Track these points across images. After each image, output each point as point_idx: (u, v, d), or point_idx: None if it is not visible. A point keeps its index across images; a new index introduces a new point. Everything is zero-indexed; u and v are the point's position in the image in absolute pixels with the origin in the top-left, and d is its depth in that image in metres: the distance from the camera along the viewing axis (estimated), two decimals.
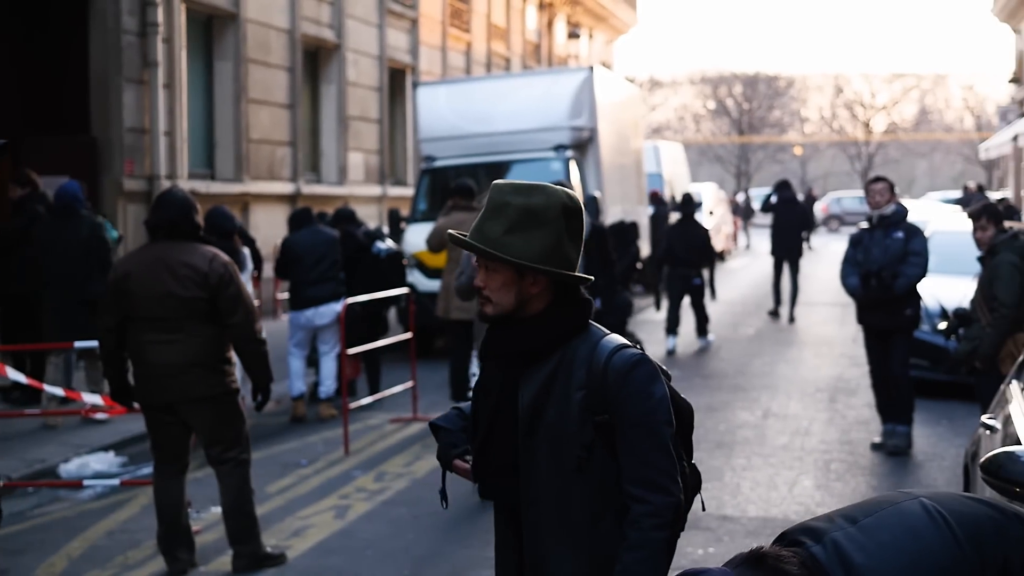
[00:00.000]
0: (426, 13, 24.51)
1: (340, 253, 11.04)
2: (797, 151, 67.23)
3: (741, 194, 49.09)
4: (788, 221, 18.42)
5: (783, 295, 18.69)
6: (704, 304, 15.31)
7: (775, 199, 18.68)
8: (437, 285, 11.73)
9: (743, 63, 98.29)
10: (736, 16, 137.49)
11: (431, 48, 24.92)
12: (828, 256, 30.76)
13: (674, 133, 61.78)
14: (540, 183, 3.10)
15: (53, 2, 15.09)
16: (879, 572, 2.42)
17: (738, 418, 10.78)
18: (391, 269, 11.96)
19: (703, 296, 15.31)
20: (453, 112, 15.81)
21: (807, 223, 19.22)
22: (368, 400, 11.03)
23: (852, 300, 9.69)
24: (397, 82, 23.46)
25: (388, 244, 12.12)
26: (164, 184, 14.34)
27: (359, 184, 21.21)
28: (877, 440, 9.49)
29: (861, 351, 10.84)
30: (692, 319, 15.58)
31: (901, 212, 9.24)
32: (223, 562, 6.66)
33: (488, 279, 3.08)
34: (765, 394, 11.99)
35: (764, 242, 20.31)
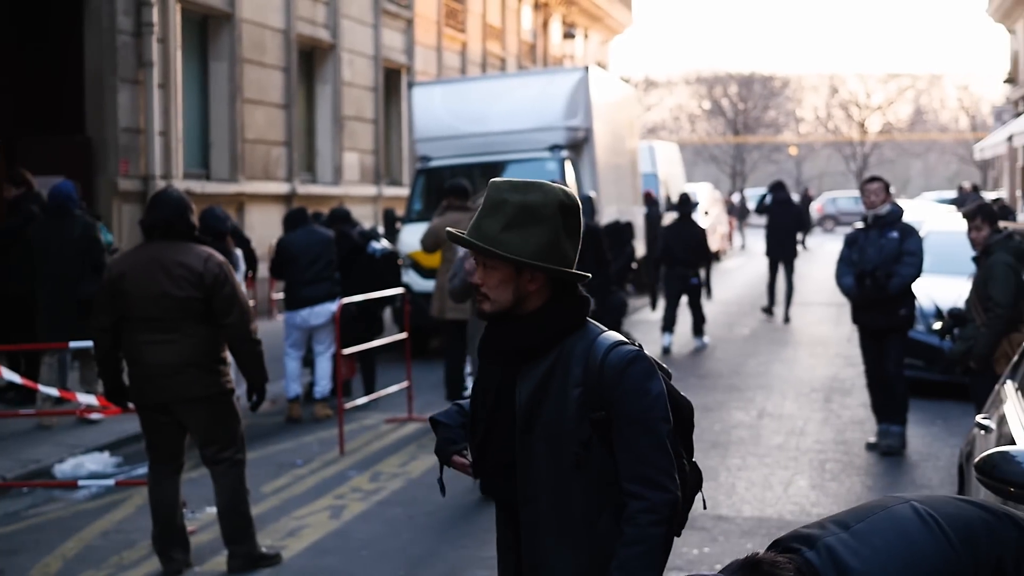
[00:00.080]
0: (421, 13, 24.51)
1: (335, 253, 11.05)
2: (792, 151, 67.28)
3: (736, 194, 49.13)
4: (783, 222, 18.46)
5: (778, 295, 18.73)
6: (701, 304, 15.33)
7: (769, 200, 18.72)
8: (432, 285, 11.73)
9: (738, 63, 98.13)
10: (731, 16, 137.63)
11: (426, 48, 24.91)
12: (823, 256, 30.79)
13: (669, 133, 61.80)
14: (537, 181, 3.11)
15: (48, 2, 15.07)
16: None
17: (733, 418, 10.79)
18: (386, 269, 11.95)
19: (700, 296, 15.33)
20: (448, 112, 15.81)
21: (802, 224, 19.25)
22: (364, 400, 11.03)
23: (847, 300, 9.70)
24: (392, 82, 23.45)
25: (383, 244, 12.12)
26: (159, 184, 14.33)
27: (354, 184, 21.20)
28: (872, 440, 9.50)
29: (856, 351, 10.85)
30: (688, 319, 15.60)
31: (896, 212, 9.25)
32: (218, 562, 6.66)
33: (486, 276, 3.09)
34: (760, 394, 12.00)
35: (759, 242, 20.32)
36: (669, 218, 19.84)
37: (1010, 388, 5.12)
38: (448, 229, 3.23)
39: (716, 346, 15.49)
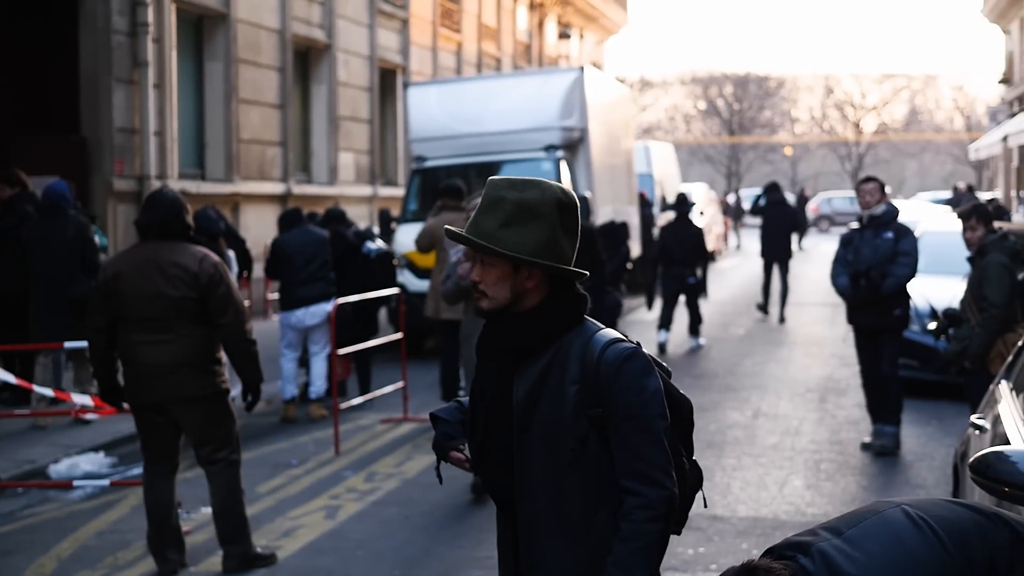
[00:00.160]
0: (417, 13, 24.50)
1: (330, 253, 11.04)
2: (787, 151, 67.33)
3: (732, 195, 49.15)
4: (777, 223, 18.48)
5: (773, 295, 18.74)
6: (698, 304, 15.34)
7: (764, 202, 18.74)
8: (427, 285, 11.73)
9: (733, 63, 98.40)
10: (726, 16, 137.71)
11: (422, 48, 24.91)
12: (818, 256, 30.80)
13: (665, 133, 61.84)
14: (535, 178, 3.12)
15: (44, 2, 15.06)
16: None
17: (728, 418, 10.79)
18: (381, 269, 11.95)
19: (698, 295, 15.34)
20: (444, 112, 15.80)
21: (796, 225, 19.28)
22: (359, 400, 11.02)
23: (842, 300, 9.70)
24: (388, 82, 23.45)
25: (378, 244, 12.12)
26: (154, 184, 14.32)
27: (349, 184, 21.20)
28: (867, 440, 9.50)
29: (851, 351, 10.86)
30: (685, 318, 15.60)
31: (892, 212, 9.26)
32: (213, 562, 6.66)
33: (484, 274, 3.09)
34: (755, 394, 12.01)
35: (755, 242, 20.36)
36: (664, 219, 19.82)
37: (1005, 388, 5.13)
38: (447, 227, 3.24)
39: (711, 346, 15.49)
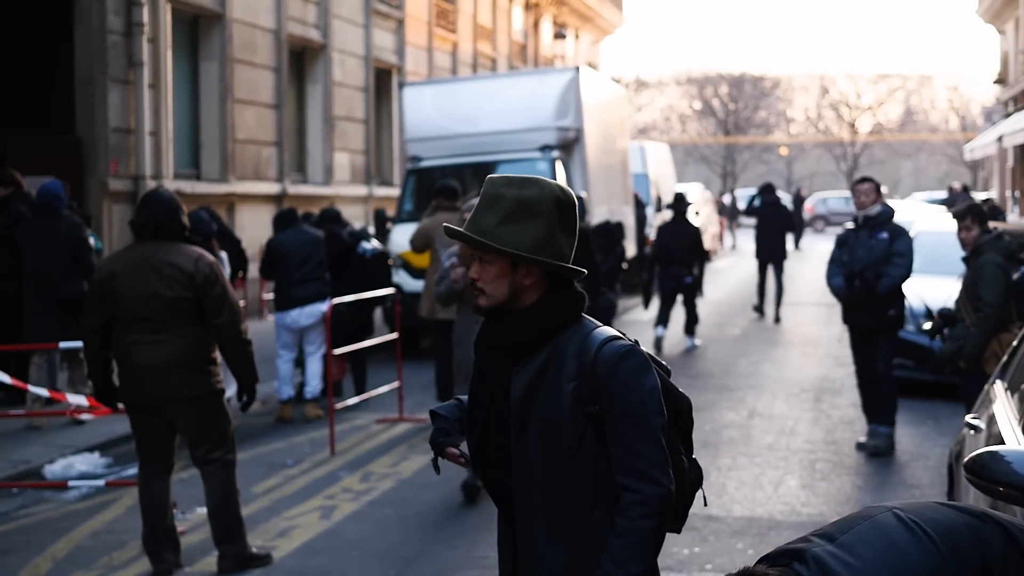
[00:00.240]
0: (412, 13, 24.50)
1: (325, 253, 11.03)
2: (783, 152, 67.36)
3: (727, 195, 49.17)
4: (772, 224, 18.52)
5: (768, 296, 18.77)
6: (695, 303, 15.35)
7: (758, 202, 18.77)
8: (423, 285, 11.72)
9: (729, 63, 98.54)
10: (722, 17, 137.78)
11: (417, 48, 24.90)
12: (814, 256, 30.83)
13: (660, 133, 61.83)
14: (534, 176, 3.14)
15: (38, 2, 15.04)
16: None
17: (724, 418, 10.80)
18: (377, 269, 11.94)
19: (695, 295, 15.35)
20: (439, 112, 15.80)
21: (791, 226, 19.30)
22: (354, 400, 11.02)
23: (837, 300, 9.71)
24: (383, 82, 23.44)
25: (374, 244, 12.11)
26: (149, 184, 14.30)
27: (345, 184, 21.19)
28: (862, 440, 9.51)
29: (846, 351, 10.86)
30: (681, 318, 15.60)
31: (887, 213, 9.26)
32: (208, 563, 6.65)
33: (482, 271, 3.10)
34: (751, 394, 12.01)
35: (750, 243, 20.38)
36: (659, 219, 19.80)
37: (999, 388, 5.13)
38: (445, 224, 3.25)
39: (707, 346, 15.50)
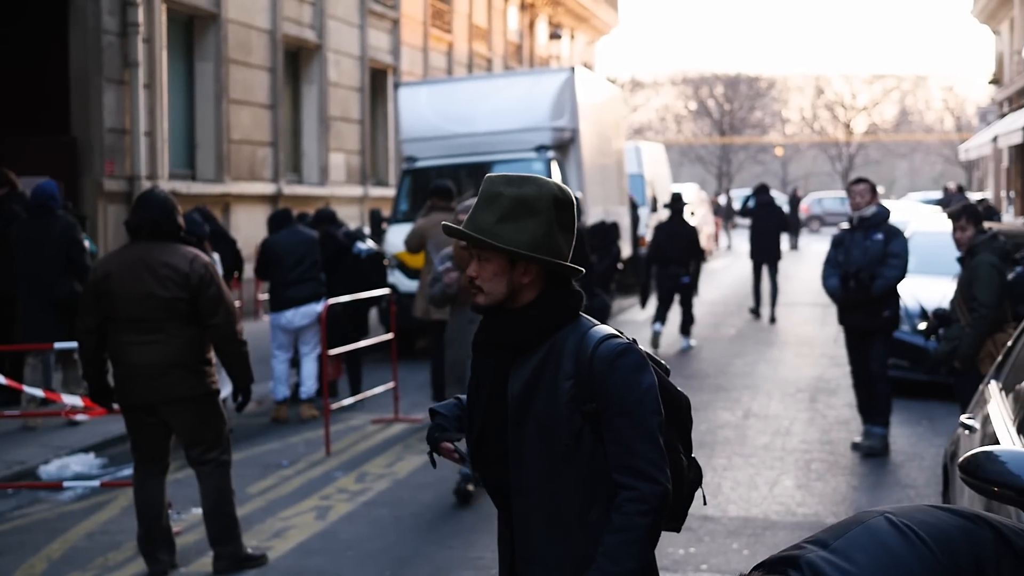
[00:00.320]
0: (408, 14, 24.49)
1: (320, 254, 11.03)
2: (778, 152, 67.42)
3: (723, 195, 49.19)
4: (766, 225, 18.55)
5: (763, 296, 18.79)
6: (692, 303, 15.36)
7: (753, 203, 18.79)
8: (417, 286, 11.72)
9: (724, 64, 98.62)
10: (717, 17, 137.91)
11: (413, 48, 24.90)
12: (809, 257, 30.86)
13: (655, 134, 61.86)
14: (532, 175, 3.15)
15: (33, 2, 15.02)
16: None
17: (719, 418, 10.80)
18: (372, 270, 11.94)
19: (692, 295, 15.37)
20: (434, 113, 15.80)
21: (785, 226, 19.32)
22: (350, 401, 11.01)
23: (833, 301, 9.72)
24: (378, 82, 23.43)
25: (369, 245, 12.11)
26: (145, 185, 14.29)
27: (340, 185, 21.18)
28: (857, 440, 9.52)
29: (842, 351, 10.87)
30: (677, 318, 15.60)
31: (882, 214, 9.26)
32: (204, 563, 6.65)
33: (480, 269, 3.11)
34: (746, 394, 12.02)
35: (745, 243, 20.40)
36: (655, 219, 19.80)
37: (994, 388, 5.14)
38: (444, 223, 3.26)
39: (702, 346, 15.51)
